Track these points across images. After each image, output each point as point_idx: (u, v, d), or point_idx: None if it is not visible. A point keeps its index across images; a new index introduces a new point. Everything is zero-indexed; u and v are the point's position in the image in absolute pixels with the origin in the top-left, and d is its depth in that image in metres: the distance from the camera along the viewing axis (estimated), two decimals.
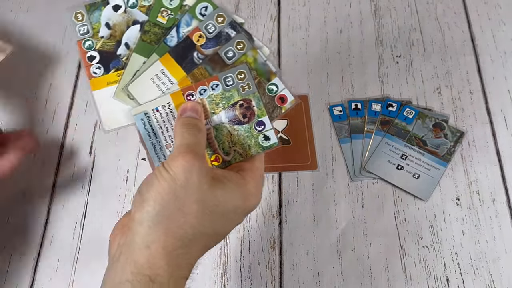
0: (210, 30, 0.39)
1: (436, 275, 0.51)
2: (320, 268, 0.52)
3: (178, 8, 0.39)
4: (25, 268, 0.51)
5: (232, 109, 0.37)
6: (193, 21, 0.39)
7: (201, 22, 0.39)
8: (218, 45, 0.39)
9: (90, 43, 0.39)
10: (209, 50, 0.38)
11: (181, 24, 0.39)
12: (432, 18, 0.68)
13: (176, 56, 0.38)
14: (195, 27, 0.39)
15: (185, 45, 0.39)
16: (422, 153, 0.57)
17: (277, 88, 0.39)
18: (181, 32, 0.39)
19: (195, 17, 0.39)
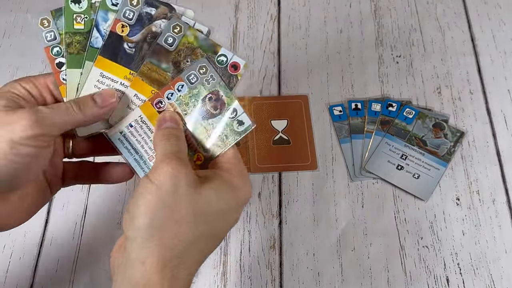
0: (129, 17, 0.37)
1: (436, 275, 0.51)
2: (320, 268, 0.52)
3: (89, 8, 0.38)
4: (25, 268, 0.51)
5: (202, 105, 0.37)
6: (109, 14, 0.37)
7: (117, 12, 0.37)
8: (143, 28, 0.38)
9: (58, 49, 0.38)
10: (136, 36, 0.38)
11: (99, 22, 0.37)
12: (432, 18, 0.68)
13: (109, 54, 0.37)
14: (114, 19, 0.37)
15: (112, 40, 0.37)
16: (422, 153, 0.57)
17: (227, 57, 0.38)
18: (102, 30, 0.37)
19: (109, 10, 0.37)
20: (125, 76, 0.37)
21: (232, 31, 0.67)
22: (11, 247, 0.52)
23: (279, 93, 0.62)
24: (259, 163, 0.57)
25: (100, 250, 0.52)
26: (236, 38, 0.67)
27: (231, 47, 0.66)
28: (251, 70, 0.64)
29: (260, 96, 0.62)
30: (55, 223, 0.54)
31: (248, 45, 0.66)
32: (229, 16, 0.68)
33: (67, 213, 0.54)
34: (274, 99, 0.62)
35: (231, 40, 0.66)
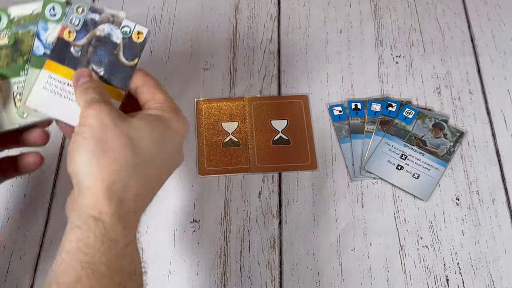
0: (75, 23, 0.41)
1: (436, 275, 0.51)
2: (320, 268, 0.52)
3: (9, 23, 0.41)
4: (25, 268, 0.51)
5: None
6: (49, 24, 0.42)
7: (64, 20, 0.41)
8: (88, 32, 0.42)
9: None
10: (82, 40, 0.41)
11: (40, 32, 0.41)
12: (432, 18, 0.68)
13: (57, 58, 0.41)
14: (61, 26, 0.41)
15: (60, 45, 0.41)
16: (422, 153, 0.57)
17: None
18: (44, 39, 0.41)
19: (48, 21, 0.42)
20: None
21: (232, 31, 0.67)
22: (11, 247, 0.52)
23: (279, 93, 0.62)
24: (259, 163, 0.57)
25: None
26: (236, 38, 0.67)
27: (231, 47, 0.66)
28: (251, 70, 0.64)
29: (260, 96, 0.62)
30: (55, 223, 0.54)
31: (248, 45, 0.66)
32: (229, 16, 0.69)
33: None
34: (274, 99, 0.62)
35: (231, 40, 0.66)
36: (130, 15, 0.70)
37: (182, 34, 0.67)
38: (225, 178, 0.57)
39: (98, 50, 0.41)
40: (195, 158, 0.57)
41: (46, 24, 0.42)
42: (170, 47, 0.66)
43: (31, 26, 0.42)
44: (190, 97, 0.62)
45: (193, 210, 0.55)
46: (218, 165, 0.57)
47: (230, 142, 0.59)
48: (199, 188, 0.56)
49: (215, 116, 0.60)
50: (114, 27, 0.42)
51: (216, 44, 0.66)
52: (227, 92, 0.62)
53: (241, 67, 0.64)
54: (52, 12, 0.42)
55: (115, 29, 0.42)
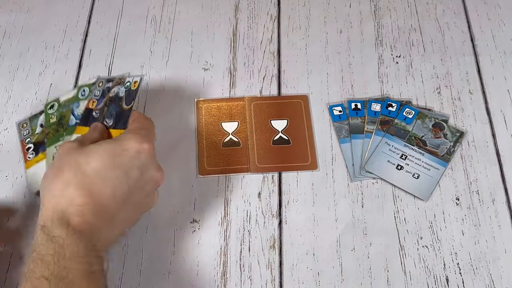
0: (96, 94, 0.54)
1: (435, 275, 0.51)
2: (320, 268, 0.52)
3: (58, 108, 0.57)
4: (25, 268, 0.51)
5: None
6: (81, 102, 0.54)
7: (90, 94, 0.54)
8: (104, 97, 0.52)
9: (29, 139, 0.57)
10: (100, 104, 0.52)
11: (74, 109, 0.55)
12: (432, 18, 0.68)
13: (84, 123, 0.52)
14: (88, 100, 0.54)
15: (87, 113, 0.53)
16: (422, 153, 0.57)
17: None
18: (76, 113, 0.54)
19: (80, 100, 0.55)
20: None
21: (232, 31, 0.67)
22: (11, 247, 0.52)
23: (279, 93, 0.62)
24: (259, 163, 0.57)
25: None
26: (236, 38, 0.67)
27: (231, 47, 0.66)
28: (251, 70, 0.64)
29: (260, 96, 0.62)
30: None
31: (248, 45, 0.66)
32: (229, 16, 0.69)
33: None
34: (274, 99, 0.62)
35: (231, 40, 0.66)
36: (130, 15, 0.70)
37: (182, 34, 0.67)
38: (225, 178, 0.57)
39: (110, 107, 0.50)
40: (195, 158, 0.57)
41: (78, 103, 0.55)
42: (170, 47, 0.66)
43: (71, 105, 0.55)
44: (190, 97, 0.62)
45: (193, 210, 0.55)
46: (218, 165, 0.57)
47: (230, 142, 0.59)
48: (199, 188, 0.56)
49: (215, 116, 0.60)
50: (120, 86, 0.52)
51: (216, 44, 0.66)
52: (227, 92, 0.62)
53: (241, 67, 0.64)
54: (82, 93, 0.55)
55: (121, 87, 0.51)
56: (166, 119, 0.60)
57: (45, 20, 0.69)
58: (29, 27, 0.68)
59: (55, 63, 0.65)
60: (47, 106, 0.58)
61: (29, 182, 0.55)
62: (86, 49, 0.66)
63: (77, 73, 0.64)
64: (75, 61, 0.65)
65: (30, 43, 0.67)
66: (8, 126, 0.60)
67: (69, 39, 0.67)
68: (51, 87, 0.63)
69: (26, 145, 0.57)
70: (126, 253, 0.52)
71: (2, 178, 0.57)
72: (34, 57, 0.66)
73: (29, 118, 0.59)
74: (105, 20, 0.69)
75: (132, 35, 0.67)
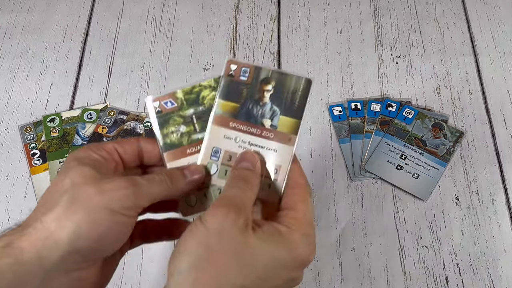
0: (107, 121, 0.59)
1: (435, 275, 0.51)
2: (320, 268, 0.52)
3: (60, 123, 0.59)
4: None
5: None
6: (86, 124, 0.59)
7: (99, 120, 0.59)
8: (117, 127, 0.59)
9: (34, 145, 0.59)
10: (112, 133, 0.58)
11: (79, 129, 0.59)
12: (432, 18, 0.68)
13: None
14: (96, 124, 0.59)
15: (95, 137, 0.58)
16: (421, 153, 0.57)
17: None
18: (82, 134, 0.59)
19: (86, 122, 0.59)
20: None
21: (232, 31, 0.67)
22: None
23: None
24: None
25: None
26: (236, 38, 0.67)
27: (231, 47, 0.66)
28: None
29: None
30: None
31: (248, 45, 0.66)
32: (229, 16, 0.69)
33: None
34: None
35: (231, 41, 0.66)
36: (131, 15, 0.70)
37: (182, 34, 0.67)
38: None
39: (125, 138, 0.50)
40: None
41: (84, 124, 0.59)
42: (170, 47, 0.66)
43: (76, 124, 0.59)
44: None
45: None
46: None
47: None
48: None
49: None
50: (138, 123, 0.59)
51: (216, 44, 0.66)
52: None
53: None
54: (89, 116, 0.60)
55: (138, 124, 0.59)
56: None
57: (45, 20, 0.69)
58: (29, 27, 0.68)
59: (55, 63, 0.65)
60: (46, 119, 0.59)
61: (36, 188, 0.56)
62: (86, 49, 0.66)
63: (77, 73, 0.64)
64: (75, 61, 0.65)
65: (31, 43, 0.67)
66: (8, 126, 0.60)
67: (69, 39, 0.67)
68: (52, 87, 0.63)
69: (31, 150, 0.58)
70: (126, 253, 0.52)
71: (2, 178, 0.57)
72: (35, 57, 0.66)
73: (33, 123, 0.60)
74: (105, 20, 0.69)
75: (132, 35, 0.67)
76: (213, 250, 0.30)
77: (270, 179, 0.36)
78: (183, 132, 0.38)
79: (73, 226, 0.29)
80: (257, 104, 0.38)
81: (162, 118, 0.38)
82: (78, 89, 0.63)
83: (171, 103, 0.39)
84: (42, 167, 0.57)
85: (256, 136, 0.38)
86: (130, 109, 0.61)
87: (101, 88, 0.63)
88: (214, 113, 0.38)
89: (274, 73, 0.38)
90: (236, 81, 0.39)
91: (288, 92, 0.39)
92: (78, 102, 0.62)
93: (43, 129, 0.59)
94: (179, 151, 0.38)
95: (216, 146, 0.38)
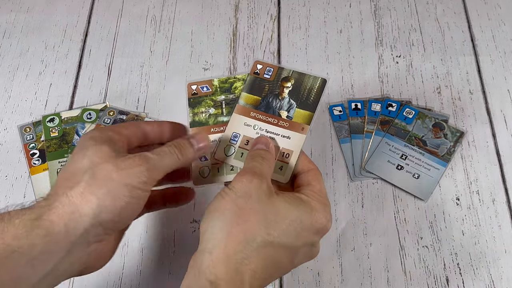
0: (107, 121, 0.59)
1: (436, 275, 0.51)
2: (320, 268, 0.52)
3: (60, 123, 0.59)
4: None
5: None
6: (86, 124, 0.58)
7: (98, 120, 0.59)
8: None
9: (33, 145, 0.58)
10: None
11: (79, 130, 0.58)
12: (432, 18, 0.68)
13: None
14: (96, 124, 0.58)
15: None
16: (422, 153, 0.57)
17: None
18: (81, 134, 0.58)
19: (85, 122, 0.59)
20: None
21: (232, 31, 0.67)
22: None
23: None
24: None
25: None
26: (236, 38, 0.67)
27: (231, 47, 0.66)
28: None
29: None
30: None
31: (248, 45, 0.66)
32: (229, 16, 0.69)
33: None
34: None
35: (231, 40, 0.66)
36: (130, 15, 0.70)
37: (182, 34, 0.67)
38: None
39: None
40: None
41: (84, 124, 0.58)
42: (170, 47, 0.66)
43: (75, 124, 0.59)
44: None
45: (193, 210, 0.55)
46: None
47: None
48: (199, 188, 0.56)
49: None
50: None
51: (216, 44, 0.66)
52: None
53: (241, 67, 0.64)
54: (88, 116, 0.59)
55: None
56: (166, 119, 0.60)
57: (45, 20, 0.69)
58: (29, 27, 0.68)
59: (55, 63, 0.65)
60: (46, 119, 0.59)
61: (35, 188, 0.56)
62: (86, 49, 0.66)
63: (77, 73, 0.64)
64: (75, 61, 0.65)
65: (30, 43, 0.67)
66: (8, 126, 0.60)
67: (69, 39, 0.67)
68: (51, 87, 0.63)
69: (30, 150, 0.58)
70: (126, 253, 0.52)
71: (2, 178, 0.57)
72: (34, 57, 0.66)
73: (32, 123, 0.60)
74: (105, 20, 0.69)
75: (132, 35, 0.67)
76: (242, 209, 0.34)
77: (282, 162, 0.41)
78: (211, 114, 0.44)
79: (96, 200, 0.32)
80: (276, 98, 0.44)
81: (196, 99, 0.45)
82: (77, 89, 0.63)
83: (207, 88, 0.45)
84: (42, 167, 0.57)
85: (273, 125, 0.43)
86: (129, 109, 0.61)
87: (101, 88, 0.63)
88: (237, 103, 0.44)
89: (294, 73, 0.45)
90: (260, 78, 0.45)
91: (305, 89, 0.44)
92: (78, 102, 0.62)
93: (42, 129, 0.58)
94: (204, 128, 0.43)
95: (236, 132, 0.43)
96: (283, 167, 0.41)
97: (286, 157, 0.41)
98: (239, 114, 0.43)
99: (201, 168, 0.43)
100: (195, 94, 0.45)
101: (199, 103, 0.45)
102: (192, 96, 0.45)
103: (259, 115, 0.43)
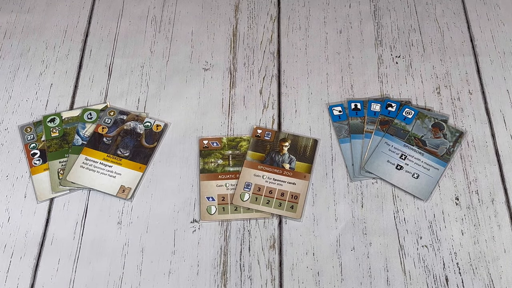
0: (107, 122, 0.59)
1: (435, 275, 0.51)
2: (320, 268, 0.52)
3: (60, 123, 0.59)
4: (25, 267, 0.51)
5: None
6: (86, 124, 0.59)
7: (99, 120, 0.59)
8: (117, 127, 0.59)
9: (34, 145, 0.58)
10: (112, 132, 0.58)
11: (79, 129, 0.59)
12: (432, 18, 0.68)
13: (92, 145, 0.57)
14: (96, 124, 0.59)
15: (95, 137, 0.58)
16: (421, 153, 0.57)
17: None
18: (82, 134, 0.58)
19: (86, 122, 0.59)
20: (103, 158, 0.57)
21: (232, 31, 0.67)
22: (12, 247, 0.53)
23: (279, 93, 0.62)
24: None
25: (100, 249, 0.52)
26: (236, 38, 0.67)
27: (231, 47, 0.66)
28: (251, 70, 0.64)
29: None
30: (56, 223, 0.54)
31: (248, 45, 0.66)
32: (229, 16, 0.69)
33: (68, 213, 0.55)
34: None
35: (231, 41, 0.66)
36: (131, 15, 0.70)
37: (182, 34, 0.67)
38: None
39: (125, 138, 0.57)
40: (196, 158, 0.58)
41: (84, 124, 0.59)
42: (170, 47, 0.66)
43: (76, 124, 0.59)
44: (190, 97, 0.62)
45: (193, 210, 0.55)
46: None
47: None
48: (199, 188, 0.56)
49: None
50: (138, 123, 0.59)
51: (216, 44, 0.66)
52: (227, 92, 0.62)
53: (241, 67, 0.64)
54: (89, 116, 0.60)
55: (139, 124, 0.59)
56: (166, 119, 0.60)
57: (45, 21, 0.69)
58: (29, 27, 0.68)
59: (55, 63, 0.65)
60: (46, 119, 0.59)
61: (36, 188, 0.56)
62: (86, 49, 0.66)
63: (77, 73, 0.64)
64: (75, 61, 0.65)
65: (31, 43, 0.67)
66: (8, 126, 0.60)
67: (69, 39, 0.67)
68: (52, 87, 0.63)
69: (31, 150, 0.58)
70: (126, 253, 0.52)
71: (2, 178, 0.57)
72: (35, 57, 0.66)
73: (33, 123, 0.60)
74: (105, 20, 0.69)
75: (132, 35, 0.67)
76: None
77: (292, 202, 0.54)
78: (219, 164, 0.55)
79: None
80: (278, 154, 0.56)
81: (207, 152, 0.56)
82: (78, 89, 0.63)
83: (217, 144, 0.57)
84: (42, 167, 0.57)
85: (279, 175, 0.55)
86: (130, 109, 0.61)
87: (101, 88, 0.63)
88: (245, 159, 0.55)
89: (289, 135, 0.57)
90: (262, 140, 0.57)
91: (301, 146, 0.57)
92: (78, 102, 0.62)
93: (43, 129, 0.59)
94: (213, 175, 0.55)
95: (248, 181, 0.54)
96: (294, 206, 0.53)
97: (295, 199, 0.53)
98: (248, 168, 0.55)
99: (208, 206, 0.53)
100: (206, 147, 0.56)
101: (209, 155, 0.56)
102: (203, 149, 0.56)
103: (266, 168, 0.55)
